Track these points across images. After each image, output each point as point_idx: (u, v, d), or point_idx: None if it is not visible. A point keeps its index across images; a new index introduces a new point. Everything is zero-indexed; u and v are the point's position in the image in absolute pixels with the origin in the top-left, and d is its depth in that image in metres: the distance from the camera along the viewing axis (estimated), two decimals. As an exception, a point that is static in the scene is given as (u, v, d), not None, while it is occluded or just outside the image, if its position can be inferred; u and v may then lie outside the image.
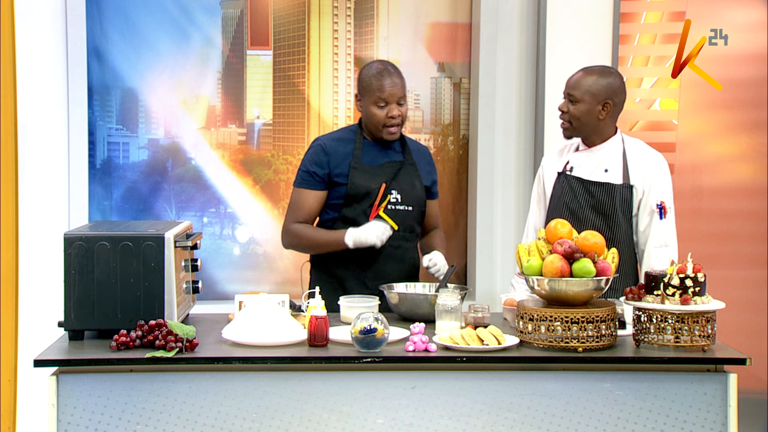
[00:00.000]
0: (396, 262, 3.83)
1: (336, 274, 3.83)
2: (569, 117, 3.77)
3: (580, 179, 3.80)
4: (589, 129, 3.78)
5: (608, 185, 3.77)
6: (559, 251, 3.11)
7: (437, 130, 5.03)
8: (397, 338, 3.16)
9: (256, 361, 2.99)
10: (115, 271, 3.15)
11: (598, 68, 3.81)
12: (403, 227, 3.83)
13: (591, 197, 3.78)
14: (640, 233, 3.79)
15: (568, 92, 3.78)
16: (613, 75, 3.78)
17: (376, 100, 3.77)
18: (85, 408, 2.93)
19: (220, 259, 4.91)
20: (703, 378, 3.04)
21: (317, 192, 3.82)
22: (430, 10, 4.99)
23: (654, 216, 3.76)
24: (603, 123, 3.78)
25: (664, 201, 3.77)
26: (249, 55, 4.90)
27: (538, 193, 3.98)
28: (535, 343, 3.08)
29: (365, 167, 3.80)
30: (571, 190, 3.81)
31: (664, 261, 3.65)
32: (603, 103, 3.74)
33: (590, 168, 3.81)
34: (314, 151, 3.85)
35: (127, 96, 4.82)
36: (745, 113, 4.83)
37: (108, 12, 4.77)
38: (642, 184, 3.77)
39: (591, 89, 3.73)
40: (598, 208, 3.77)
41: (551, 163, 3.95)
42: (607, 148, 3.81)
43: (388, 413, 2.99)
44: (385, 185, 3.80)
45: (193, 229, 3.65)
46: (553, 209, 3.86)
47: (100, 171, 4.81)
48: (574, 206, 3.79)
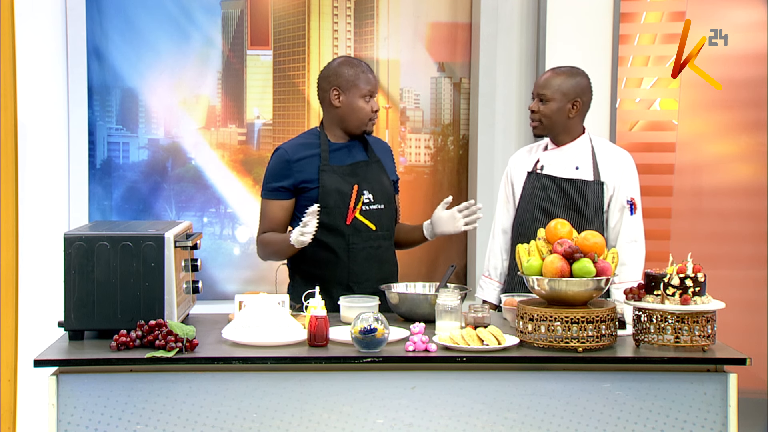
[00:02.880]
0: (376, 263, 3.81)
1: (315, 275, 3.77)
2: (540, 116, 3.85)
3: (552, 177, 3.86)
4: (559, 127, 3.85)
5: (580, 182, 3.83)
6: (559, 251, 3.12)
7: (437, 130, 5.03)
8: (397, 338, 3.16)
9: (256, 361, 2.99)
10: (115, 271, 3.15)
11: (567, 68, 3.89)
12: (380, 227, 3.80)
13: (563, 194, 3.84)
14: (611, 229, 3.85)
15: (539, 92, 3.85)
16: (581, 74, 3.87)
17: (364, 93, 3.76)
18: (85, 408, 2.93)
19: (220, 259, 4.91)
20: (703, 378, 3.04)
21: (283, 202, 3.76)
22: (430, 10, 4.99)
23: (624, 212, 3.83)
24: (572, 121, 3.85)
25: (633, 197, 3.85)
26: (249, 55, 4.91)
27: (507, 194, 4.02)
28: (535, 343, 3.08)
29: (334, 168, 3.77)
30: (542, 188, 3.87)
31: (634, 256, 3.78)
32: (573, 102, 3.82)
33: (561, 166, 3.87)
34: (276, 162, 3.79)
35: (127, 96, 4.82)
36: (745, 113, 4.83)
37: (108, 12, 4.77)
38: (612, 180, 3.84)
39: (561, 88, 3.81)
40: (570, 205, 3.82)
41: (519, 162, 4.00)
42: (577, 147, 3.88)
43: (388, 413, 2.99)
44: (357, 186, 3.77)
45: (193, 229, 3.65)
46: (524, 208, 3.90)
47: (100, 171, 4.81)
48: (546, 204, 3.85)
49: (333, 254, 3.74)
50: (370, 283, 3.76)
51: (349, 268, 3.76)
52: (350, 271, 3.77)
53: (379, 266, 3.82)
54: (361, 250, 3.77)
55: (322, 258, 3.75)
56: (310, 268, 3.79)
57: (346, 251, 3.75)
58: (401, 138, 5.00)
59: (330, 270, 3.76)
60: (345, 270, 3.76)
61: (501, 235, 4.00)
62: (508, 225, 3.99)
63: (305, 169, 3.75)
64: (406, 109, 5.00)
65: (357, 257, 3.76)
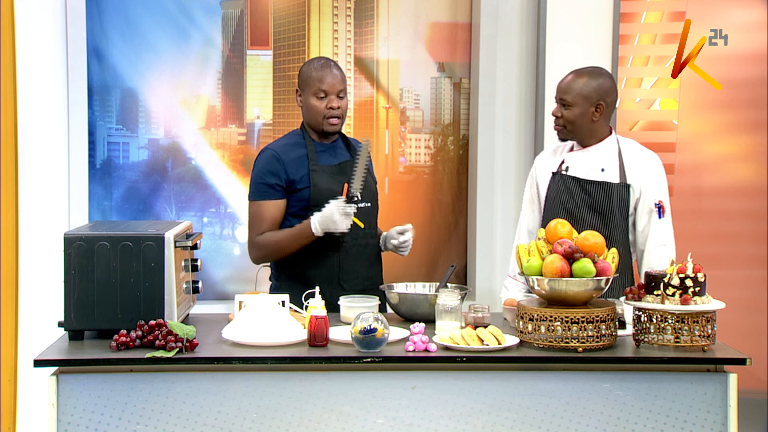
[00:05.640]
0: (364, 260, 3.82)
1: (301, 274, 3.78)
2: (564, 121, 3.78)
3: (577, 179, 3.81)
4: (584, 131, 3.79)
5: (605, 184, 3.78)
6: (559, 251, 3.12)
7: (437, 130, 5.03)
8: (397, 338, 3.16)
9: (256, 361, 2.99)
10: (115, 271, 3.15)
11: (588, 70, 3.82)
12: (368, 224, 3.82)
13: (588, 196, 3.79)
14: (639, 233, 3.79)
15: (560, 97, 3.78)
16: (604, 75, 3.79)
17: (315, 91, 3.76)
18: (85, 408, 2.93)
19: (220, 259, 4.91)
20: (703, 378, 3.04)
21: (277, 201, 3.75)
22: (430, 10, 4.99)
23: (653, 215, 3.77)
24: (597, 124, 3.78)
25: (662, 200, 3.78)
26: (249, 55, 4.90)
27: (531, 195, 3.98)
28: (535, 343, 3.08)
29: (324, 167, 3.78)
30: (567, 189, 3.82)
31: (664, 260, 3.66)
32: (596, 105, 3.75)
33: (586, 167, 3.81)
34: (267, 161, 3.78)
35: (127, 96, 4.82)
36: (745, 113, 4.83)
37: (108, 12, 4.77)
38: (639, 183, 3.78)
39: (582, 92, 3.74)
40: (595, 207, 3.78)
41: (545, 163, 3.95)
42: (603, 148, 3.82)
43: (388, 413, 2.99)
44: (348, 184, 3.76)
45: (193, 229, 3.65)
46: (548, 209, 3.86)
47: (100, 171, 4.81)
48: (570, 206, 3.80)
49: (323, 252, 3.75)
50: (359, 281, 3.78)
51: (339, 266, 3.77)
52: (340, 269, 3.77)
53: (367, 264, 3.83)
54: (351, 248, 3.78)
55: (311, 256, 3.75)
56: (299, 266, 3.78)
57: (337, 249, 3.76)
58: (401, 138, 5.00)
59: (320, 268, 3.76)
60: (335, 268, 3.77)
61: (527, 235, 3.95)
62: (534, 225, 3.94)
63: (295, 170, 3.76)
64: (406, 109, 5.00)
65: (347, 254, 3.77)
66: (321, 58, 3.84)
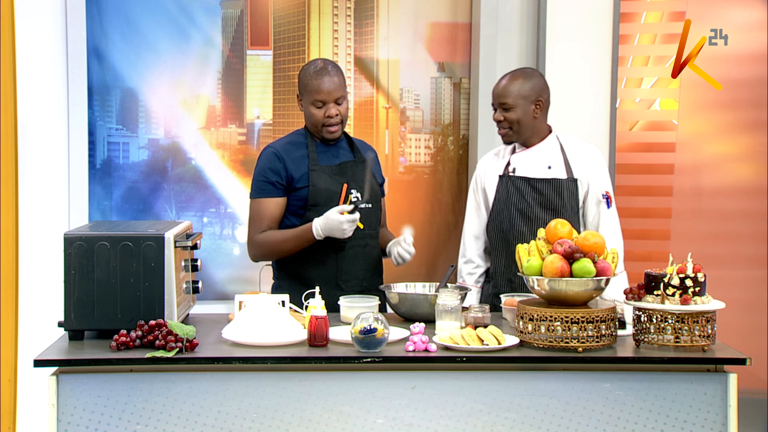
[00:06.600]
0: (362, 260, 3.83)
1: (301, 274, 3.78)
2: (508, 124, 3.89)
3: (526, 178, 3.90)
4: (528, 131, 3.90)
5: (555, 181, 3.88)
6: (559, 251, 3.12)
7: (437, 130, 5.03)
8: (397, 338, 3.16)
9: (256, 361, 2.99)
10: (115, 271, 3.15)
11: (520, 71, 3.95)
12: (368, 225, 3.83)
13: (539, 195, 3.87)
14: (589, 223, 3.91)
15: (500, 102, 3.90)
16: (536, 75, 3.93)
17: (313, 100, 3.77)
18: (85, 408, 2.93)
19: (220, 259, 4.90)
20: (703, 378, 3.04)
21: (278, 199, 3.77)
22: (430, 10, 4.99)
23: (601, 206, 3.89)
24: (538, 121, 3.91)
25: (608, 190, 3.92)
26: (249, 55, 4.90)
27: (477, 201, 4.04)
28: (535, 343, 3.08)
29: (324, 168, 3.78)
30: (517, 190, 3.89)
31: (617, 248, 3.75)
32: (535, 103, 3.88)
33: (533, 166, 3.91)
34: (268, 159, 3.80)
35: (127, 96, 4.82)
36: (745, 113, 4.83)
37: (108, 12, 4.77)
38: (585, 177, 3.90)
39: (521, 92, 3.87)
40: (547, 204, 3.86)
41: (489, 167, 4.03)
42: (546, 146, 3.93)
43: (388, 413, 2.99)
44: (347, 185, 3.78)
45: (193, 229, 3.65)
46: (500, 212, 3.92)
47: (100, 171, 4.81)
48: (522, 206, 3.88)
49: (322, 253, 3.75)
50: (358, 281, 3.79)
51: (338, 266, 3.77)
52: (339, 269, 3.77)
53: (366, 264, 3.83)
54: (350, 249, 3.78)
55: (311, 256, 3.76)
56: (298, 266, 3.79)
57: (335, 249, 3.76)
58: (401, 138, 5.00)
59: (319, 268, 3.77)
60: (334, 268, 3.77)
61: (473, 241, 4.02)
62: (480, 231, 4.01)
63: (295, 168, 3.77)
64: (406, 109, 5.00)
65: (346, 255, 3.77)
66: (318, 62, 3.83)
